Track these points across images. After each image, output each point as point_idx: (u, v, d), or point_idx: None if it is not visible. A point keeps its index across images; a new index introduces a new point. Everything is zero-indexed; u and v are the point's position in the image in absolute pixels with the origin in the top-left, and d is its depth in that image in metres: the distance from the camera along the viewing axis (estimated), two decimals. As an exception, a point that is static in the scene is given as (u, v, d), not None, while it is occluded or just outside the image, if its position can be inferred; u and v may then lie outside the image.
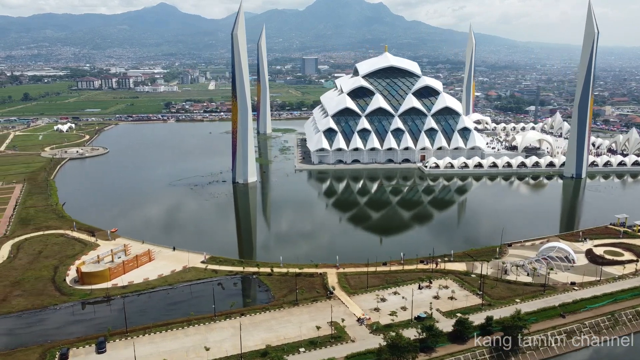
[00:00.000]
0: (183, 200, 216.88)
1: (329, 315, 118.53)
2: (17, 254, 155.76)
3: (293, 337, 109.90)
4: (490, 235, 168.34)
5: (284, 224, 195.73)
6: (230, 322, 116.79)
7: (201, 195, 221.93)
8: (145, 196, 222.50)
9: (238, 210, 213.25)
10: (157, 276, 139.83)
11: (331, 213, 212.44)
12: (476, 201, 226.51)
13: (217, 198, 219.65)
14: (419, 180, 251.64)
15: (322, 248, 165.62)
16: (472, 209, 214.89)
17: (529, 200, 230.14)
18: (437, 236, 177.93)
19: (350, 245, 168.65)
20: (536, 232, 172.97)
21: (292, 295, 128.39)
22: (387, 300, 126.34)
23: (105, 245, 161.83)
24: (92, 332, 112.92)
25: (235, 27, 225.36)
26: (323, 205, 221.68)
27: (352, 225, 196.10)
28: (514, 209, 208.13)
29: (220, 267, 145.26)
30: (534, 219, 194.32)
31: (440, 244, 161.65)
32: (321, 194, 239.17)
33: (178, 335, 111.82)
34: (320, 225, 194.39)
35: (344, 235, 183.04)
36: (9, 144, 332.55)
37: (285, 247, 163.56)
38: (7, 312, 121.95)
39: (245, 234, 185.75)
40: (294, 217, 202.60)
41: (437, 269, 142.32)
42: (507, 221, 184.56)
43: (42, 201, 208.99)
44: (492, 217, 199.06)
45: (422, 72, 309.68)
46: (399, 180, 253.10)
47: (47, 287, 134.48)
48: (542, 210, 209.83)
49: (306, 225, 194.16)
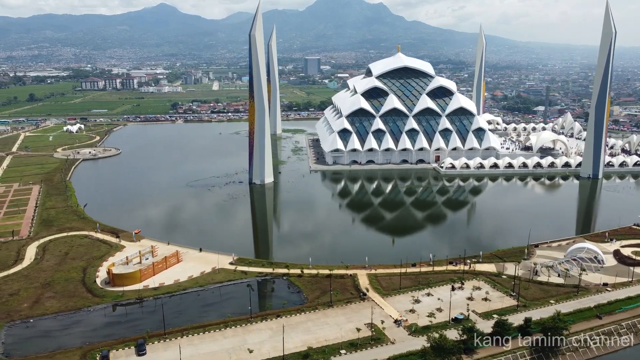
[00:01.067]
0: (202, 201, 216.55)
1: (365, 316, 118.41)
2: (43, 255, 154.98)
3: (332, 339, 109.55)
4: (515, 236, 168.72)
5: (306, 225, 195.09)
6: (267, 324, 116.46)
7: (219, 196, 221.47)
8: (164, 197, 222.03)
9: (259, 211, 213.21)
10: (187, 277, 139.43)
11: (352, 214, 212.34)
12: (495, 202, 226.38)
13: (236, 199, 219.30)
14: (434, 180, 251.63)
15: (347, 249, 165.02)
16: (492, 209, 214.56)
17: (548, 200, 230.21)
18: (460, 237, 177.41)
19: (375, 246, 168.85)
20: (559, 233, 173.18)
21: (325, 297, 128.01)
22: (421, 301, 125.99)
23: (130, 247, 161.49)
24: (128, 334, 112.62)
25: (253, 28, 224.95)
26: (343, 206, 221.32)
27: (375, 226, 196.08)
28: (535, 210, 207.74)
29: (249, 268, 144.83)
30: (555, 219, 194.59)
31: (464, 245, 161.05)
32: (339, 195, 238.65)
33: (216, 337, 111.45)
34: (342, 226, 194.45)
35: (368, 236, 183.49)
36: (20, 145, 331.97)
37: (310, 248, 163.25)
38: (42, 313, 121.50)
39: (268, 235, 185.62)
40: (316, 218, 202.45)
41: (468, 270, 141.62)
42: (529, 222, 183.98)
43: (62, 202, 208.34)
44: (513, 217, 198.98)
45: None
46: (414, 181, 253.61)
47: (78, 288, 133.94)
48: (563, 210, 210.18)
49: (329, 226, 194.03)
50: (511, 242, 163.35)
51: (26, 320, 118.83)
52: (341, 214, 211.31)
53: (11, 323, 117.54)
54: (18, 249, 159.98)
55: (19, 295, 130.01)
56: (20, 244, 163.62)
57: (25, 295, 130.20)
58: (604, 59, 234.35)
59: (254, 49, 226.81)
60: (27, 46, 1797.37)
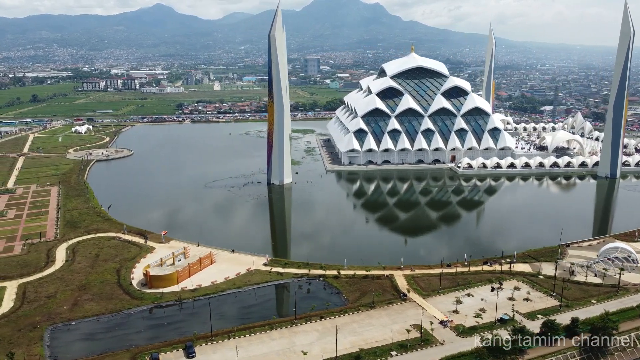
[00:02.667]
0: (224, 202, 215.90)
1: (410, 317, 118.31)
2: (74, 257, 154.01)
3: (380, 340, 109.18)
4: (542, 236, 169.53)
5: (333, 226, 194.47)
6: (312, 325, 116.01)
7: (240, 197, 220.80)
8: (185, 198, 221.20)
9: (283, 211, 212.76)
10: (223, 279, 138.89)
11: (377, 214, 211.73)
12: (517, 202, 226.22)
13: (258, 199, 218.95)
14: (451, 180, 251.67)
15: (378, 249, 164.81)
16: (515, 209, 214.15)
17: (568, 200, 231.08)
18: (486, 237, 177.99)
19: (404, 246, 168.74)
20: (585, 232, 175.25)
21: (365, 298, 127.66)
22: (463, 302, 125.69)
23: (160, 248, 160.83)
24: (173, 337, 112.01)
25: (273, 28, 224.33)
26: (366, 206, 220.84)
27: (401, 227, 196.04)
28: (557, 210, 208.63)
29: (285, 269, 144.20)
30: (579, 219, 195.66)
31: (491, 245, 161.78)
32: (359, 195, 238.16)
33: (263, 338, 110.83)
34: (369, 226, 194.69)
35: (396, 236, 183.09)
36: (31, 146, 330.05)
37: (341, 249, 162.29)
38: (82, 316, 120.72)
39: (295, 235, 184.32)
40: (341, 219, 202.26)
41: (505, 271, 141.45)
42: (553, 222, 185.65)
43: (83, 204, 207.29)
44: (537, 217, 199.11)
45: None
46: (431, 181, 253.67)
47: (115, 290, 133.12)
48: (585, 210, 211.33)
49: (356, 226, 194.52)
50: (539, 242, 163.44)
51: (68, 323, 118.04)
52: (366, 214, 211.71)
53: (53, 326, 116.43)
54: (47, 250, 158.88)
55: (57, 298, 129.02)
56: (48, 246, 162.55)
57: (63, 297, 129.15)
58: (622, 59, 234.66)
59: (274, 50, 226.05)
60: (23, 47, 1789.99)
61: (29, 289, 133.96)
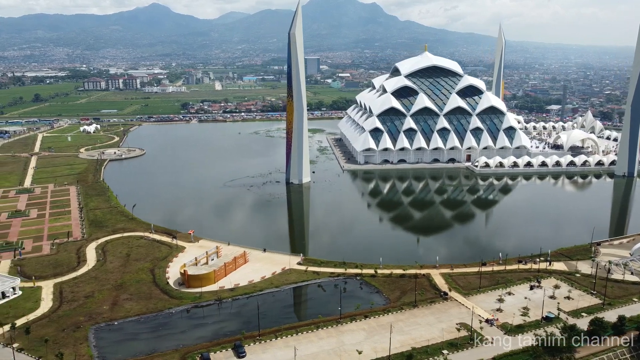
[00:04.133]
0: (246, 201, 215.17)
1: (454, 316, 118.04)
2: (105, 256, 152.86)
3: (429, 339, 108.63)
4: (569, 234, 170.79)
5: (360, 224, 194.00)
6: (357, 325, 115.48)
7: (261, 196, 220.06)
8: (205, 197, 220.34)
9: (307, 210, 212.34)
10: (260, 278, 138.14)
11: (402, 212, 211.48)
12: (538, 200, 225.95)
13: (279, 198, 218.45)
14: (466, 180, 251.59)
15: (410, 247, 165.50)
16: (538, 208, 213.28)
17: (588, 198, 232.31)
18: (514, 236, 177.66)
19: (435, 244, 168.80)
20: (610, 230, 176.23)
21: (407, 297, 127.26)
22: (504, 300, 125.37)
23: (190, 248, 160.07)
24: (218, 336, 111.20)
25: (293, 27, 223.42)
26: (391, 205, 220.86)
27: (426, 225, 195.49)
28: (578, 208, 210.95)
29: (320, 268, 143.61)
30: (601, 217, 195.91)
31: (520, 243, 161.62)
32: (381, 194, 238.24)
33: (311, 338, 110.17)
34: (395, 224, 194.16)
35: (424, 235, 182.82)
36: (42, 146, 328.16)
37: (373, 247, 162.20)
38: (124, 316, 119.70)
39: (323, 234, 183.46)
40: (367, 217, 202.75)
41: (542, 269, 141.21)
42: (577, 220, 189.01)
43: (104, 203, 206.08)
44: (560, 216, 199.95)
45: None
46: (448, 180, 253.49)
47: (152, 290, 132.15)
48: (606, 208, 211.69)
49: (384, 225, 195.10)
50: (566, 241, 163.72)
51: (110, 323, 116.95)
52: (391, 213, 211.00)
53: (96, 326, 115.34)
54: (76, 250, 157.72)
55: (95, 298, 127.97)
56: (76, 245, 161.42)
57: (101, 297, 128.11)
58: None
59: (294, 48, 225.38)
60: (19, 46, 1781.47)
61: (65, 288, 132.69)
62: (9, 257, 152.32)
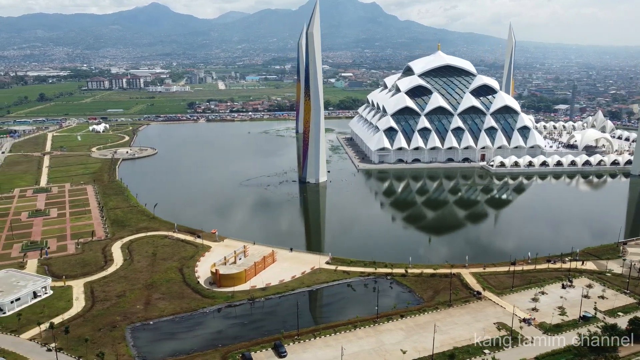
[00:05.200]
0: (265, 200, 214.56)
1: (490, 316, 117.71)
2: (131, 256, 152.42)
3: (468, 338, 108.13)
4: (595, 234, 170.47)
5: (382, 223, 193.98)
6: (394, 324, 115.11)
7: (279, 195, 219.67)
8: (224, 196, 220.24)
9: (327, 209, 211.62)
10: (290, 277, 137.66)
11: (423, 212, 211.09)
12: (557, 200, 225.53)
13: (297, 198, 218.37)
14: (481, 179, 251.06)
15: (435, 246, 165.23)
16: (558, 207, 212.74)
17: (606, 198, 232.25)
18: (538, 235, 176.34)
19: (461, 244, 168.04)
20: (634, 230, 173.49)
21: (440, 297, 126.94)
22: (539, 300, 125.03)
23: (215, 247, 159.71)
24: (253, 335, 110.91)
25: (311, 26, 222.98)
26: (410, 204, 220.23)
27: (449, 224, 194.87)
28: (599, 207, 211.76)
29: (350, 268, 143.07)
30: (623, 217, 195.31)
31: (544, 243, 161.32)
32: (399, 193, 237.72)
33: (350, 337, 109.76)
34: (417, 224, 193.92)
35: (447, 234, 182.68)
36: (53, 145, 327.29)
37: (398, 246, 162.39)
38: (159, 315, 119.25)
39: (347, 233, 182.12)
40: (387, 216, 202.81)
41: (572, 269, 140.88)
42: (598, 219, 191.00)
43: (123, 202, 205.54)
44: (582, 215, 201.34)
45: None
46: (462, 179, 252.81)
47: (183, 289, 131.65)
48: (625, 208, 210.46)
49: (405, 223, 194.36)
50: (589, 240, 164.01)
51: (146, 323, 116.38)
52: (413, 212, 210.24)
53: (132, 325, 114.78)
54: (102, 249, 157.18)
55: (127, 297, 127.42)
56: (101, 245, 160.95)
57: (133, 297, 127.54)
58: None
59: (311, 47, 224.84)
60: (18, 46, 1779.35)
61: (96, 288, 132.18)
62: (35, 257, 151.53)
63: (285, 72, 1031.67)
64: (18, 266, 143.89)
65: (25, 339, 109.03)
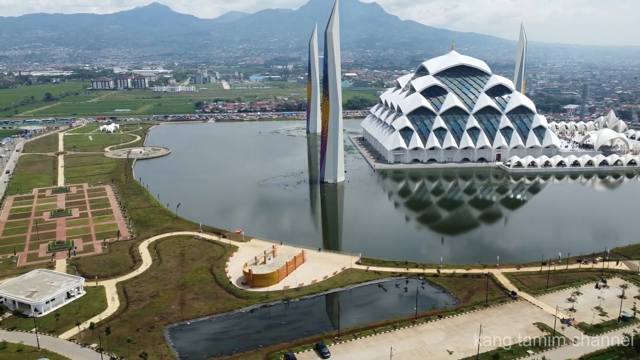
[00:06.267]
0: (284, 200, 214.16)
1: (528, 316, 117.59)
2: (159, 256, 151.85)
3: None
4: (622, 233, 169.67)
5: (405, 223, 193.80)
6: (433, 324, 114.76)
7: (299, 195, 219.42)
8: (243, 196, 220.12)
9: (350, 209, 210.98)
10: (322, 278, 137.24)
11: (447, 211, 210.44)
12: (577, 199, 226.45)
13: (317, 197, 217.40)
14: (495, 179, 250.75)
15: (462, 246, 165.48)
16: (579, 207, 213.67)
17: (627, 198, 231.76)
18: (564, 235, 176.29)
19: (488, 244, 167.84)
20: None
21: (476, 297, 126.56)
22: (575, 300, 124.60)
23: (242, 247, 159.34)
24: (292, 336, 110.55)
25: (330, 26, 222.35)
26: (431, 204, 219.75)
27: (473, 224, 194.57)
28: (621, 207, 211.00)
29: (381, 268, 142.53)
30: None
31: (572, 242, 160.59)
32: (418, 193, 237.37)
33: (390, 338, 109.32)
34: (442, 223, 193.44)
35: (474, 234, 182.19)
36: (66, 145, 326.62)
37: (427, 246, 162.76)
38: (195, 315, 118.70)
39: (370, 233, 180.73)
40: (410, 216, 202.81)
41: (605, 269, 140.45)
42: (622, 218, 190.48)
43: (144, 202, 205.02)
44: (604, 215, 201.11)
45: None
46: (477, 179, 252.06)
47: (216, 290, 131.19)
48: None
49: (429, 223, 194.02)
50: (616, 239, 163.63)
51: (183, 323, 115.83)
52: (435, 212, 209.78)
53: (169, 326, 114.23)
54: (129, 249, 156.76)
55: (160, 297, 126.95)
56: (127, 245, 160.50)
57: (166, 297, 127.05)
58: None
59: (330, 47, 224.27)
60: (19, 45, 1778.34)
61: (129, 288, 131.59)
62: (63, 257, 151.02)
63: (289, 72, 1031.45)
64: (47, 266, 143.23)
65: (65, 340, 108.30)
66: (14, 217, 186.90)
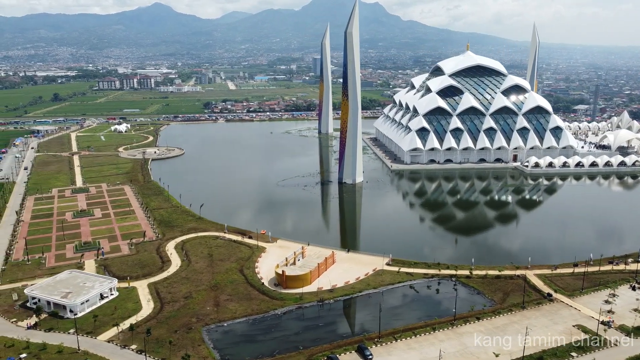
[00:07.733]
0: (305, 200, 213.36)
1: (567, 318, 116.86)
2: (188, 257, 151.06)
3: (551, 341, 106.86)
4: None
5: (429, 223, 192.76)
6: (472, 326, 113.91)
7: (318, 195, 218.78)
8: (263, 197, 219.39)
9: (373, 209, 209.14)
10: (354, 279, 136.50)
11: (470, 212, 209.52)
12: (597, 200, 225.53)
13: (337, 198, 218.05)
14: (512, 179, 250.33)
15: (491, 247, 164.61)
16: (601, 208, 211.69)
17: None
18: (590, 236, 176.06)
19: (522, 245, 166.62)
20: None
21: (511, 298, 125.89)
22: (612, 302, 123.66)
23: (270, 248, 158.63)
24: (331, 338, 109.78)
25: (350, 26, 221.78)
26: (454, 205, 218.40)
27: (498, 225, 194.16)
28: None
29: (413, 269, 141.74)
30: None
31: (598, 243, 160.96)
32: (436, 193, 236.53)
33: (431, 340, 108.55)
34: (469, 224, 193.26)
35: (506, 234, 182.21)
36: (79, 145, 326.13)
37: (455, 247, 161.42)
38: (231, 317, 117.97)
39: (395, 234, 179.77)
40: (433, 216, 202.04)
41: (638, 270, 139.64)
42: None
43: (165, 203, 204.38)
44: (627, 216, 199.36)
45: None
46: (494, 180, 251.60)
47: (250, 291, 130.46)
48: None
49: (453, 224, 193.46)
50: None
51: (220, 324, 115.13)
52: (455, 213, 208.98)
53: (207, 327, 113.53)
54: (156, 250, 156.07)
55: (194, 298, 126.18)
56: (154, 245, 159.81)
57: (200, 298, 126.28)
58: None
59: (349, 48, 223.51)
60: (22, 46, 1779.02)
61: (161, 289, 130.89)
62: (90, 257, 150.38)
63: (293, 72, 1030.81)
64: (76, 267, 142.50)
65: (103, 341, 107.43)
66: (37, 218, 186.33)
